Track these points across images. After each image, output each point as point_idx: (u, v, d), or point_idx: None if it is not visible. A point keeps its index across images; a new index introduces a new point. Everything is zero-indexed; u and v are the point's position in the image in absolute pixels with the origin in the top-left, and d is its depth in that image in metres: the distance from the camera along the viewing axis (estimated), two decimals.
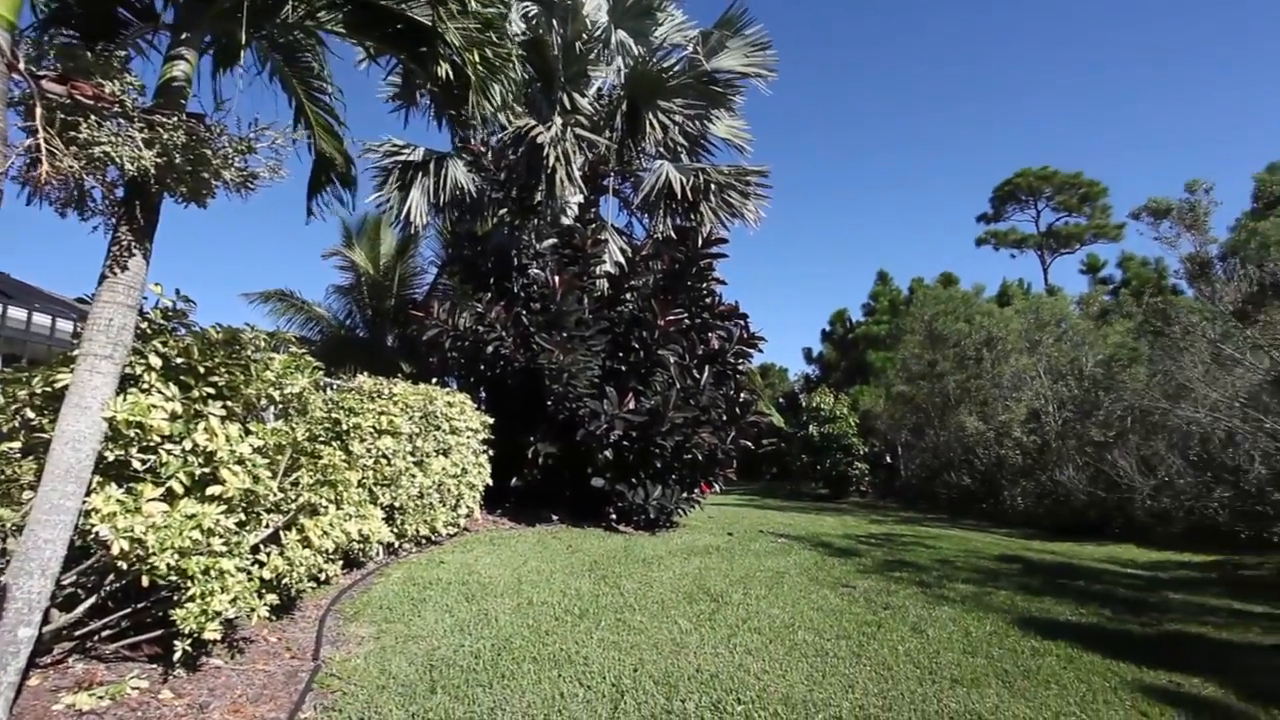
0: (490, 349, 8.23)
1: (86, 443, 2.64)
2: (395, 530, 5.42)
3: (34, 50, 2.83)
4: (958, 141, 68.51)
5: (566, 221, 9.70)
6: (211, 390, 3.32)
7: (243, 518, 3.07)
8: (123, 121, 2.75)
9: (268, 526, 3.42)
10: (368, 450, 4.93)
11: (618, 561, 6.16)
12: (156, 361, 3.08)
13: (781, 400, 31.16)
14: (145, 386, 3.02)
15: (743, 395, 9.22)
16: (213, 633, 2.72)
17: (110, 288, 2.82)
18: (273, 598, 3.12)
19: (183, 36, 3.20)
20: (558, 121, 9.30)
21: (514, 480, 8.27)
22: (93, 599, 2.80)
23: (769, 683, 3.32)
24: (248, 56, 3.97)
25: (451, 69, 3.72)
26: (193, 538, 2.68)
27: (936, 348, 18.34)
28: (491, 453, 7.38)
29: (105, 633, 2.98)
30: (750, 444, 9.14)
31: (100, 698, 2.57)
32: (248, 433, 3.18)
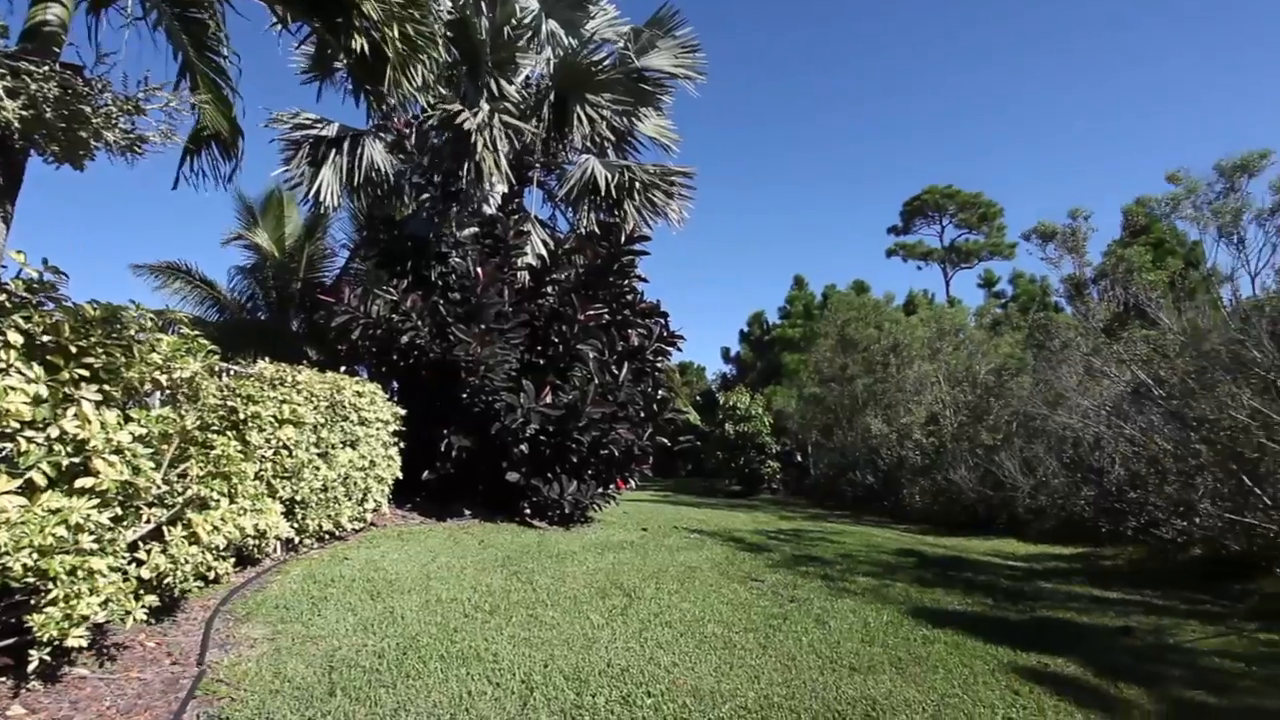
0: (405, 339, 7.91)
1: None
2: (296, 525, 5.13)
3: None
4: (875, 153, 72.46)
5: (489, 211, 9.46)
6: (85, 373, 3.00)
7: (119, 512, 2.80)
8: None
9: (149, 522, 3.14)
10: (267, 441, 4.62)
11: (531, 557, 6.10)
12: (17, 339, 2.75)
13: (699, 398, 31.87)
14: (2, 366, 2.69)
15: (661, 392, 9.32)
16: (78, 639, 2.46)
17: None
18: (152, 599, 2.87)
19: None
20: (485, 108, 9.06)
21: (426, 474, 7.99)
22: None
23: (678, 675, 3.39)
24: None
25: (368, 44, 3.54)
26: (57, 534, 2.42)
27: (848, 352, 19.27)
28: (403, 445, 7.11)
29: None
30: (667, 441, 9.25)
31: None
32: (128, 419, 2.90)
